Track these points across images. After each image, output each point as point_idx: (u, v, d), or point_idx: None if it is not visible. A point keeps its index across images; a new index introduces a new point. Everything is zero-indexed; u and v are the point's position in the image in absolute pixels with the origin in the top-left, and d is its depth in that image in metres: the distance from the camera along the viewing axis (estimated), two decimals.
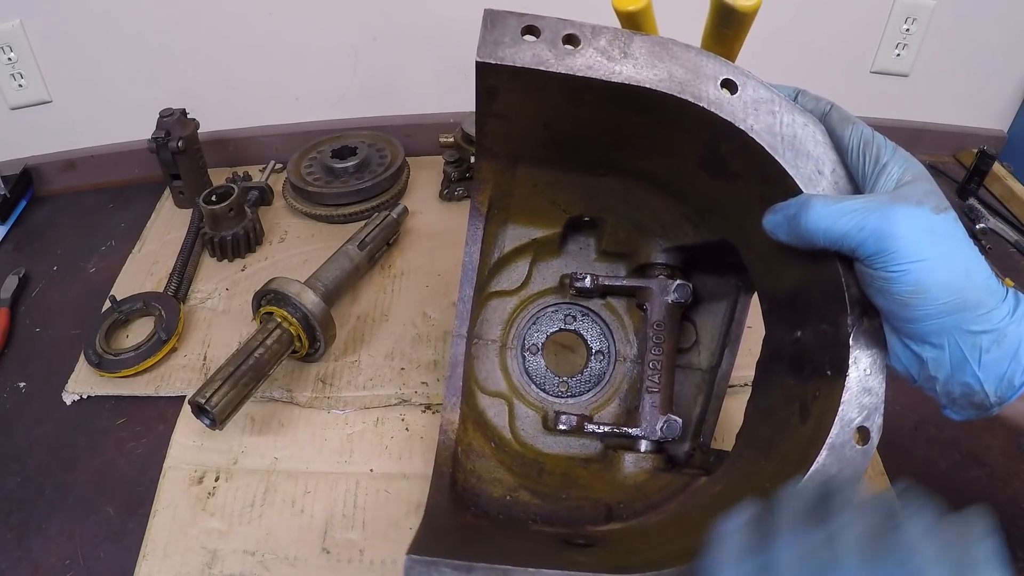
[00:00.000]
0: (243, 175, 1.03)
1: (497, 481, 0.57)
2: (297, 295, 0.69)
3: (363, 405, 0.71)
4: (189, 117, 0.96)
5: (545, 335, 0.64)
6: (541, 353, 0.63)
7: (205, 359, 0.76)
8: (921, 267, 0.35)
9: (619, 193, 0.58)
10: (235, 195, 0.87)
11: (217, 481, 0.65)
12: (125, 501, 0.64)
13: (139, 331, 0.80)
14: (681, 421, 0.59)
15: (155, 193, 1.04)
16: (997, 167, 1.08)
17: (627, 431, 0.59)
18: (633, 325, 0.64)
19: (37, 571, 0.59)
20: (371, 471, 0.65)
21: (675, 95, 0.42)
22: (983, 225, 1.00)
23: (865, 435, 0.40)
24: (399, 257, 0.90)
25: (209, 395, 0.62)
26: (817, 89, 0.45)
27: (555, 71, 0.41)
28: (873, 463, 0.65)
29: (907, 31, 1.01)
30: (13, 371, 0.78)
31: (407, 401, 0.71)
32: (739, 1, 0.45)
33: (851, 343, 0.41)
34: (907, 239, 0.35)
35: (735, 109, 0.42)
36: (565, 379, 0.64)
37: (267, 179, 1.01)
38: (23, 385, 0.76)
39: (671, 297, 0.60)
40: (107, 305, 0.80)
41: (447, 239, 0.92)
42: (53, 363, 0.77)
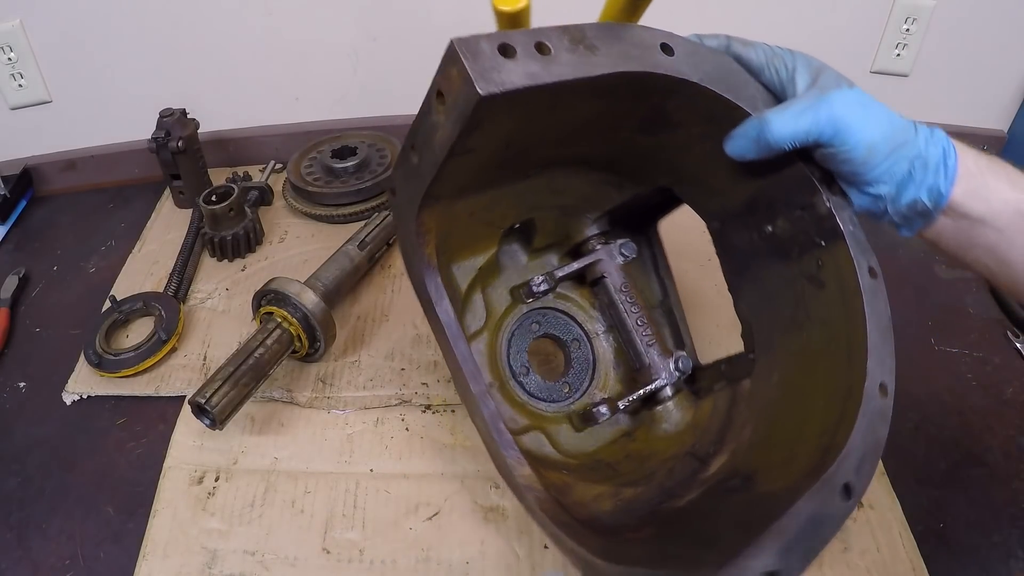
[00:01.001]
0: (243, 175, 1.03)
1: (597, 497, 0.54)
2: (297, 295, 0.69)
3: (363, 405, 0.71)
4: (189, 117, 0.96)
5: (524, 353, 0.64)
6: (531, 371, 0.63)
7: (205, 359, 0.76)
8: (867, 133, 0.44)
9: (543, 187, 0.59)
10: (235, 195, 0.87)
11: (217, 481, 0.65)
12: (125, 501, 0.64)
13: (139, 331, 0.80)
14: (686, 352, 0.62)
15: (155, 193, 1.04)
16: None
17: (652, 388, 0.60)
18: (588, 300, 0.66)
19: (37, 571, 0.59)
20: (371, 471, 0.65)
21: (648, 71, 0.43)
22: None
23: (874, 272, 0.47)
24: (399, 257, 0.90)
25: (209, 395, 0.62)
26: None
27: (548, 82, 0.39)
28: None
29: (907, 31, 1.01)
30: (13, 371, 0.78)
31: (407, 401, 0.71)
32: None
33: (834, 212, 0.47)
34: (851, 116, 0.43)
35: (682, 68, 0.44)
36: (563, 380, 0.64)
37: (267, 179, 1.01)
38: (23, 385, 0.76)
39: (621, 259, 0.63)
40: (107, 305, 0.80)
41: None
42: (53, 363, 0.77)
